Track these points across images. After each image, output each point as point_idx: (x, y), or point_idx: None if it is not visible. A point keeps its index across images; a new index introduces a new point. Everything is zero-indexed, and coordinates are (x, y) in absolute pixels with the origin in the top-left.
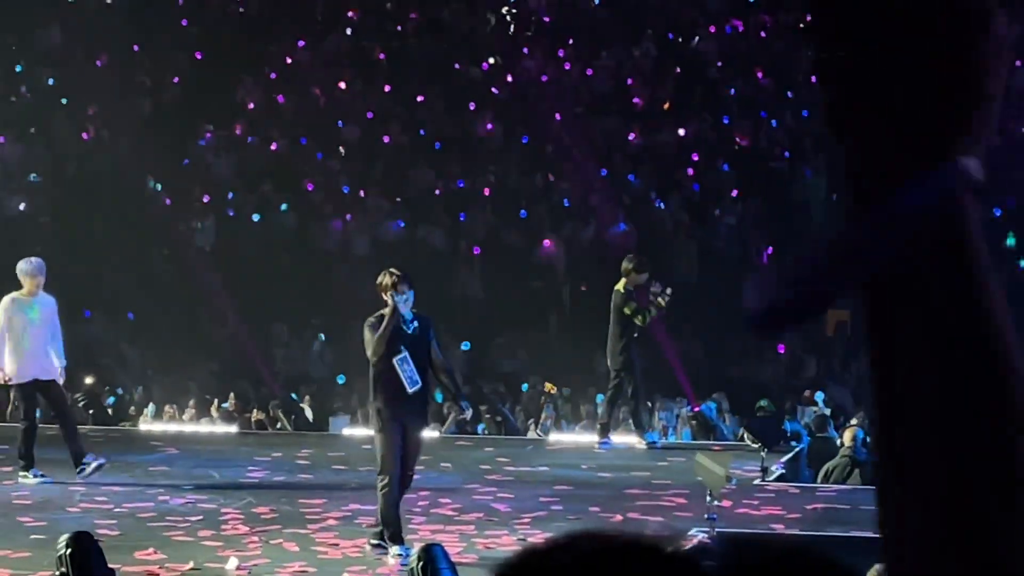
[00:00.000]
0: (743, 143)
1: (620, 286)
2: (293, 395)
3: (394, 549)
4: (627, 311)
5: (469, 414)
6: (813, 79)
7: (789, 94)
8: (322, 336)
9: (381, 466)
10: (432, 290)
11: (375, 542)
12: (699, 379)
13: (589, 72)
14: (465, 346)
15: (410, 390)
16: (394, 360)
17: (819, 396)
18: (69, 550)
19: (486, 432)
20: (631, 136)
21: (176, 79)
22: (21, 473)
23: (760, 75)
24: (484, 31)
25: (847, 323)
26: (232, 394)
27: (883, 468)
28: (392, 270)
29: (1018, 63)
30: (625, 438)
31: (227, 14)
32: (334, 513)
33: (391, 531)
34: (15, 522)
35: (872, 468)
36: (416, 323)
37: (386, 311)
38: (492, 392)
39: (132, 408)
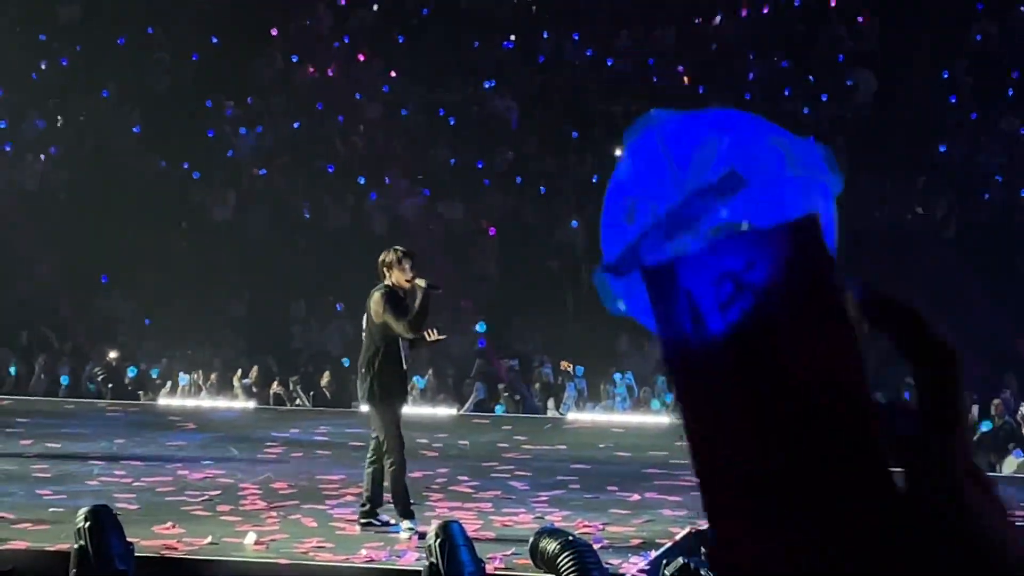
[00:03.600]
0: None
1: None
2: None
3: (405, 524)
4: None
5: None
6: None
7: (811, 78)
8: (339, 306)
9: (387, 443)
10: (450, 268)
11: (364, 521)
12: None
13: (609, 55)
14: (481, 327)
15: (405, 366)
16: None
17: None
18: (88, 523)
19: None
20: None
21: (195, 55)
22: None
23: (779, 58)
24: (505, 10)
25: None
26: (255, 368)
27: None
28: (396, 247)
29: None
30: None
31: None
32: (352, 489)
33: (402, 507)
34: (34, 495)
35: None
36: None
37: (419, 284)
38: (509, 371)
39: (148, 382)
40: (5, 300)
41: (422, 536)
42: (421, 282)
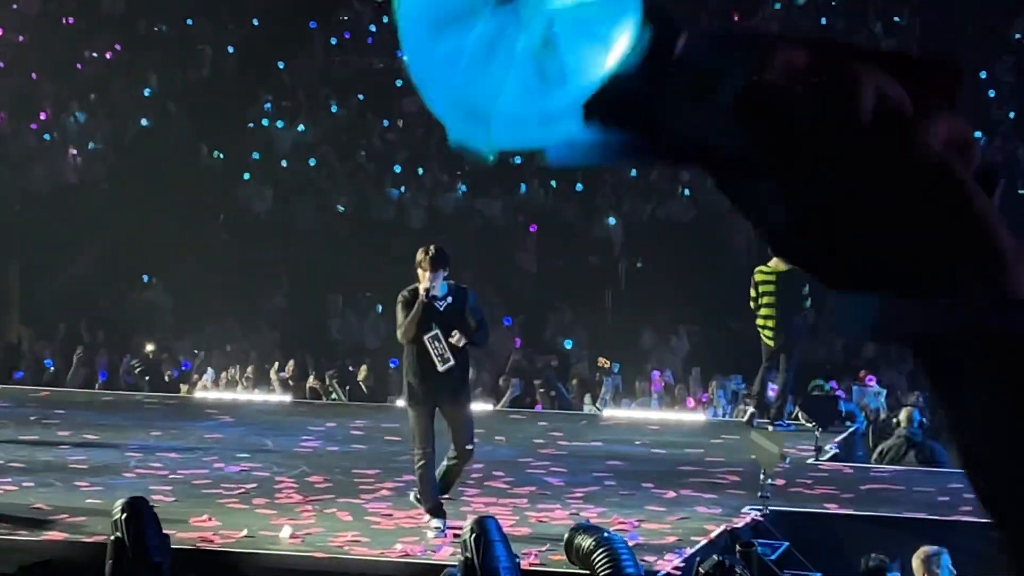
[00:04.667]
0: None
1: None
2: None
3: (433, 523)
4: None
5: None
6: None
7: None
8: (380, 307)
9: (413, 443)
10: (487, 263)
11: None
12: (755, 358)
13: None
14: (507, 321)
15: (441, 368)
16: (424, 338)
17: (871, 380)
18: (124, 515)
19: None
20: None
21: (235, 48)
22: None
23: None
24: None
25: None
26: (292, 362)
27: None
28: (429, 248)
29: None
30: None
31: None
32: (387, 484)
33: (427, 506)
34: (72, 486)
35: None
36: (450, 298)
37: (420, 288)
38: (546, 367)
39: (186, 375)
40: (44, 292)
41: (456, 535)
42: (421, 288)
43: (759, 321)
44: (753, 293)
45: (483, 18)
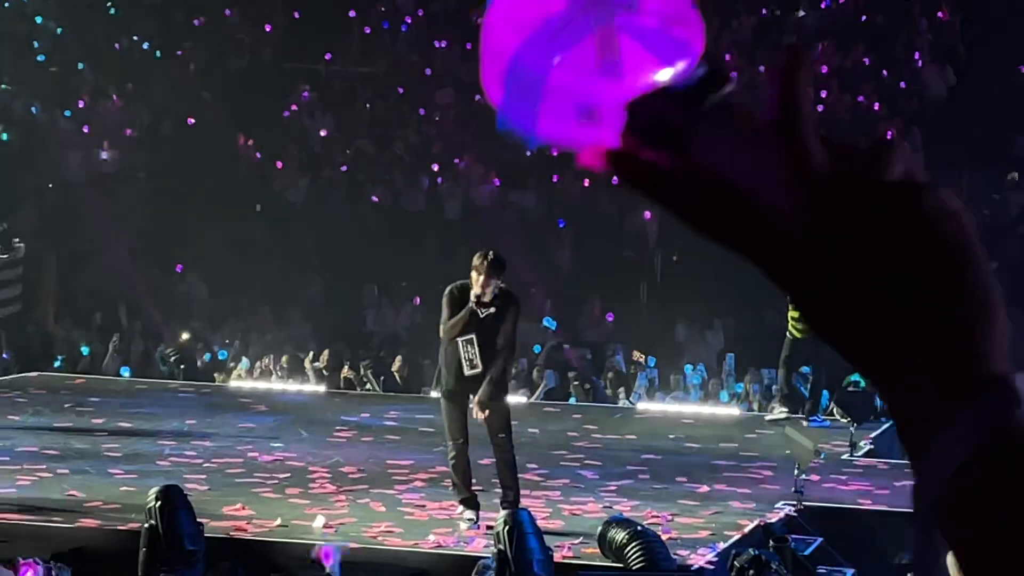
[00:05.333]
0: (839, 120)
1: None
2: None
3: (466, 514)
4: None
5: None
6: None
7: (884, 72)
8: (416, 300)
9: (446, 435)
10: (522, 255)
11: (504, 505)
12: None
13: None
14: (549, 323)
15: (467, 373)
16: (459, 340)
17: None
18: (159, 503)
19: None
20: None
21: (273, 38)
22: None
23: (857, 50)
24: None
25: None
26: (326, 352)
27: None
28: (488, 254)
29: None
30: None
31: None
32: (421, 475)
33: (460, 497)
34: (106, 474)
35: None
36: (493, 308)
37: (471, 287)
38: (581, 360)
39: (220, 363)
40: (81, 280)
41: (489, 527)
42: (472, 295)
43: (794, 313)
44: None
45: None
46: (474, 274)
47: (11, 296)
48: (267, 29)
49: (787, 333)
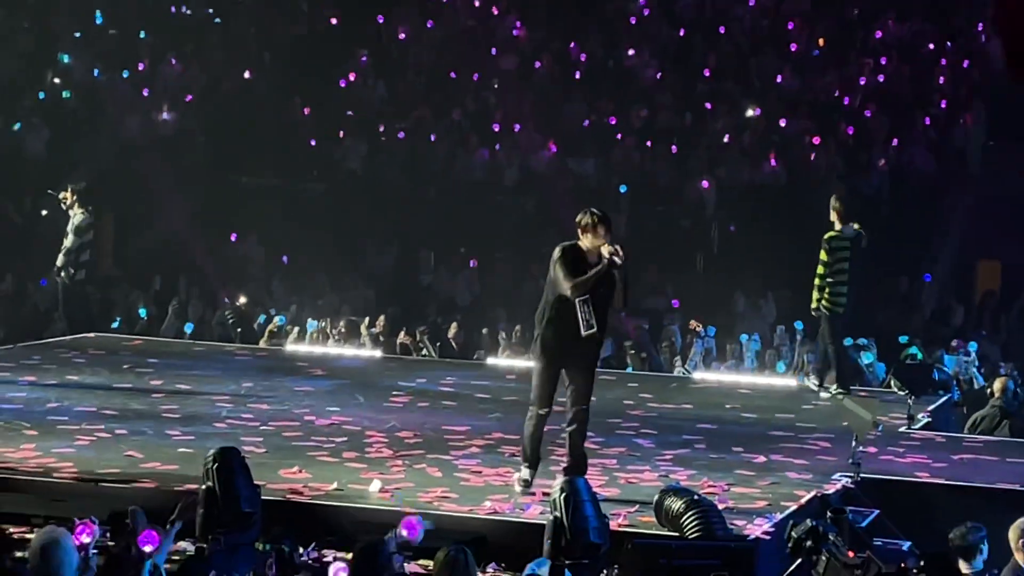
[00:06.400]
0: (900, 89)
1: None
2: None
3: (522, 472)
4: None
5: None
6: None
7: (948, 44)
8: (472, 262)
9: (533, 398)
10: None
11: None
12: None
13: (748, 15)
14: None
15: (584, 333)
16: (577, 300)
17: (972, 346)
18: (216, 464)
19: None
20: (786, 76)
21: (332, 3)
22: None
23: (919, 22)
24: None
25: (999, 274)
26: (383, 317)
27: None
28: (593, 210)
29: None
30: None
31: None
32: (477, 441)
33: (523, 456)
34: (164, 435)
35: None
36: (617, 258)
37: (604, 252)
38: (637, 328)
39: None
40: (139, 243)
41: (546, 494)
42: (606, 251)
43: (830, 286)
44: (826, 257)
45: None
46: (589, 235)
47: (90, 258)
48: None
49: (820, 310)
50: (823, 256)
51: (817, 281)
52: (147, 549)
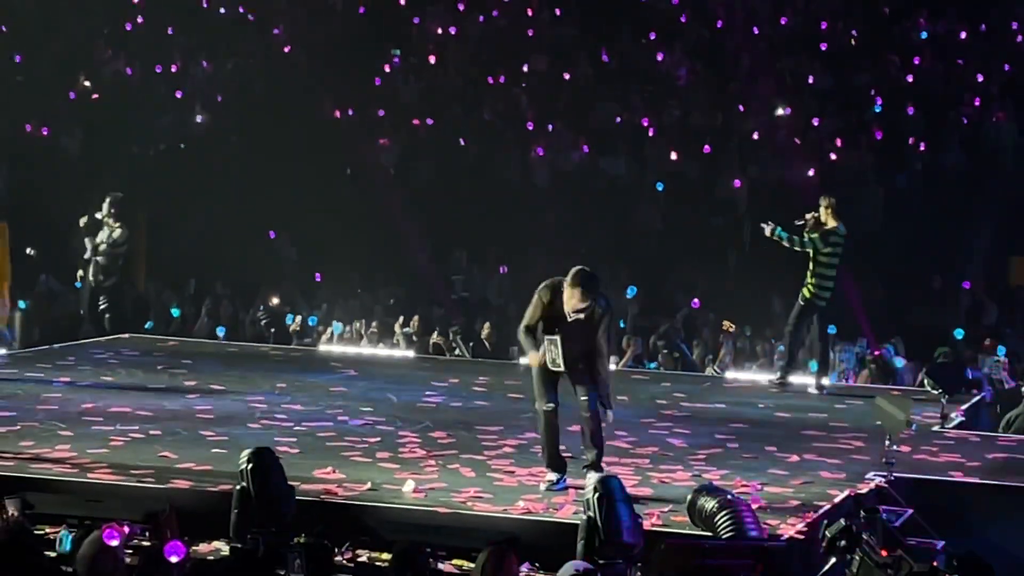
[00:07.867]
0: (932, 88)
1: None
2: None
3: (550, 475)
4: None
5: (609, 417)
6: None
7: (981, 42)
8: (502, 269)
9: (534, 396)
10: (611, 222)
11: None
12: (878, 323)
13: (782, 14)
14: (630, 292)
15: (551, 369)
16: (545, 337)
17: (1000, 350)
18: (251, 465)
19: (662, 368)
20: (819, 76)
21: (364, 1)
22: None
23: (954, 19)
24: None
25: None
26: (416, 317)
27: None
28: (579, 272)
29: None
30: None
31: None
32: (510, 441)
33: (545, 460)
34: (198, 435)
35: None
36: (581, 315)
37: (566, 308)
38: (669, 327)
39: (307, 328)
40: (172, 244)
41: (580, 490)
42: (569, 312)
43: (819, 277)
44: (824, 248)
45: None
46: (568, 287)
47: (123, 263)
48: None
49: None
50: (819, 246)
51: (811, 267)
52: (173, 560)
